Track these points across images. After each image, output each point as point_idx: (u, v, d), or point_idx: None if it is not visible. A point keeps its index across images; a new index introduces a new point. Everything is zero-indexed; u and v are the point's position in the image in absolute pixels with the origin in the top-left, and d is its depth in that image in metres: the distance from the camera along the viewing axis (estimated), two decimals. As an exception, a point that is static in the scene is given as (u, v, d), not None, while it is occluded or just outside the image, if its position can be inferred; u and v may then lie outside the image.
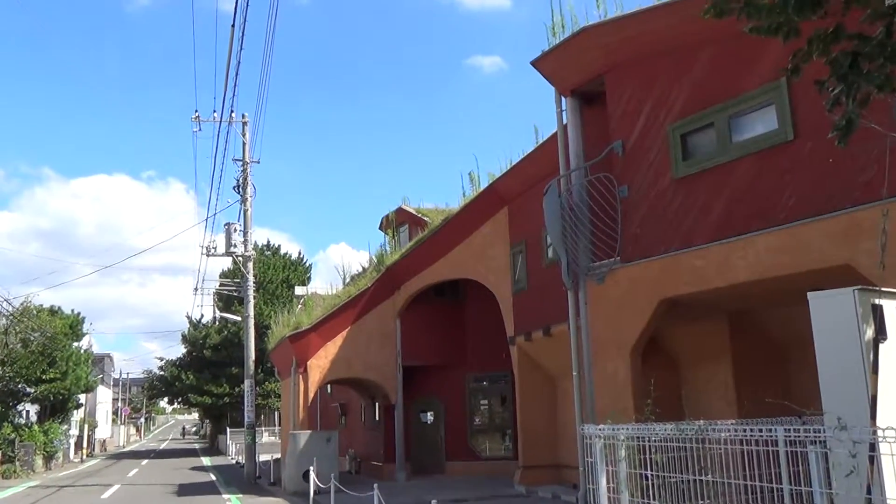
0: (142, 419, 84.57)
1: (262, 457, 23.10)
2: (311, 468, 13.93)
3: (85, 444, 41.59)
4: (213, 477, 23.48)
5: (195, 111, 22.65)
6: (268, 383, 38.53)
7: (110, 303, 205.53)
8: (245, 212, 21.80)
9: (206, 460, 34.36)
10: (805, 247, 8.02)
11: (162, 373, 47.17)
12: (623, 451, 7.25)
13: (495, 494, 13.91)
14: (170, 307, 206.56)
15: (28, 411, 32.19)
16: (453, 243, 16.71)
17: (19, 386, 29.47)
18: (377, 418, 19.71)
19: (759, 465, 6.05)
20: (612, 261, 10.32)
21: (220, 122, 21.22)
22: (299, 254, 45.49)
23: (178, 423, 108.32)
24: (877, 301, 5.64)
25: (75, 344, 33.87)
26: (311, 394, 17.49)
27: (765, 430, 5.88)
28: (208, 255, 22.65)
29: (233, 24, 13.67)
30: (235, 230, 21.53)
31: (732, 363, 10.65)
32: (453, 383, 18.56)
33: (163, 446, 58.55)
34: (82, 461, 38.06)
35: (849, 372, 5.51)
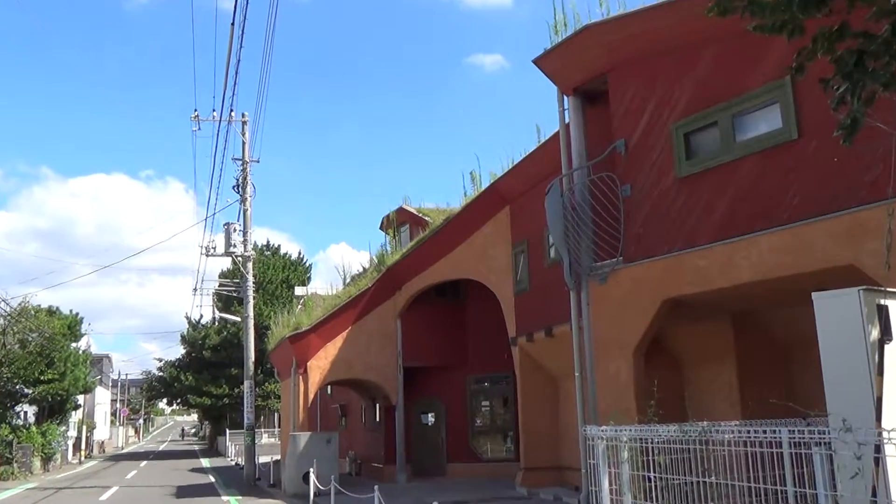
0: (140, 420, 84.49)
1: (262, 458, 23.04)
2: (311, 470, 13.89)
3: (83, 446, 41.49)
4: (212, 479, 23.42)
5: (194, 110, 22.65)
6: (267, 384, 38.47)
7: (109, 303, 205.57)
8: (245, 211, 21.75)
9: (205, 462, 34.28)
10: (809, 247, 7.97)
11: (161, 374, 47.12)
12: (626, 453, 7.25)
13: (497, 496, 13.85)
14: (169, 308, 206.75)
15: (26, 412, 32.12)
16: (454, 243, 16.65)
17: (17, 387, 29.38)
18: (378, 420, 19.64)
19: (763, 467, 6.05)
20: (615, 261, 10.27)
21: (219, 121, 21.20)
22: (299, 254, 45.53)
23: (177, 424, 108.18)
24: (882, 301, 5.62)
25: (73, 344, 33.82)
26: (311, 395, 17.43)
27: (769, 431, 5.87)
28: (207, 256, 22.62)
29: (232, 23, 13.59)
30: (235, 230, 21.47)
31: (736, 364, 10.60)
32: (454, 384, 18.50)
33: (162, 448, 58.46)
34: (80, 463, 37.97)
35: (854, 373, 5.49)
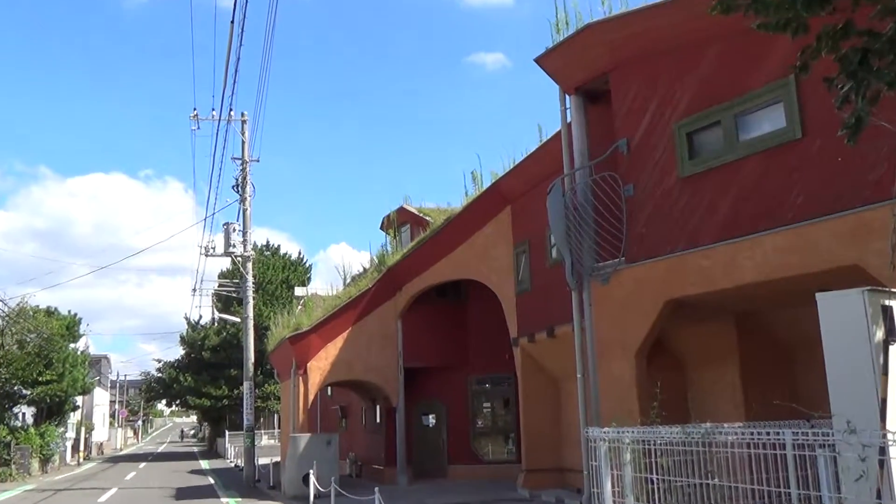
0: (139, 422, 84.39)
1: (262, 460, 22.95)
2: (311, 472, 13.83)
3: (82, 447, 41.42)
4: (211, 480, 23.36)
5: (194, 109, 22.61)
6: (267, 385, 38.41)
7: (107, 304, 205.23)
8: (244, 211, 21.70)
9: (204, 464, 34.20)
10: (813, 247, 7.94)
11: (160, 375, 47.06)
12: (628, 455, 7.27)
13: (498, 498, 13.82)
14: (168, 308, 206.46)
15: (24, 414, 32.11)
16: (455, 243, 16.58)
17: (15, 388, 29.38)
18: (378, 421, 19.58)
19: (767, 469, 6.06)
20: (617, 261, 10.22)
21: (218, 120, 21.18)
22: (299, 254, 45.53)
23: (177, 425, 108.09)
24: (886, 302, 5.62)
25: (72, 345, 33.79)
26: (311, 396, 17.36)
27: (772, 433, 5.87)
28: (207, 256, 22.58)
29: (232, 21, 13.59)
30: (234, 230, 21.43)
31: (739, 365, 10.56)
32: (455, 385, 18.42)
33: (161, 449, 58.38)
34: (79, 464, 37.89)
35: (858, 374, 5.51)
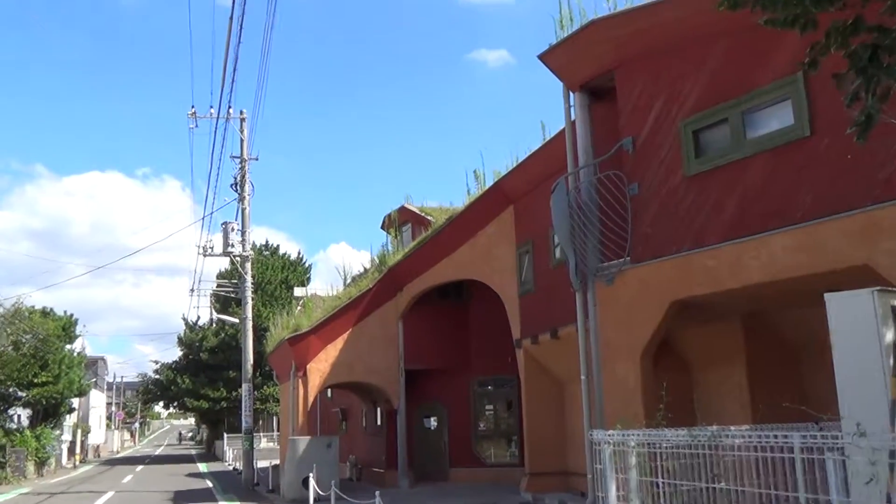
0: (136, 424, 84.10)
1: (261, 463, 22.83)
2: (311, 475, 13.77)
3: (78, 450, 41.25)
4: (209, 484, 23.28)
5: (192, 107, 22.56)
6: (266, 387, 38.34)
7: (104, 304, 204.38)
8: (243, 210, 21.59)
9: (202, 467, 34.10)
10: (821, 246, 7.85)
11: (157, 376, 46.96)
12: (633, 458, 7.24)
13: (501, 502, 13.74)
14: (165, 309, 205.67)
15: (19, 416, 31.95)
16: (457, 243, 16.47)
17: (10, 390, 29.31)
18: (379, 423, 19.48)
19: (775, 473, 6.06)
20: (622, 261, 10.12)
21: (217, 118, 21.08)
22: (298, 254, 45.54)
23: (174, 428, 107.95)
24: (896, 303, 5.52)
25: (68, 346, 33.70)
26: (310, 398, 17.27)
27: (780, 436, 5.84)
28: (205, 256, 22.49)
29: (231, 17, 13.51)
30: (233, 229, 21.32)
31: (746, 366, 10.46)
32: (457, 387, 18.29)
33: (158, 452, 58.27)
34: (75, 467, 37.74)
35: (867, 376, 5.51)
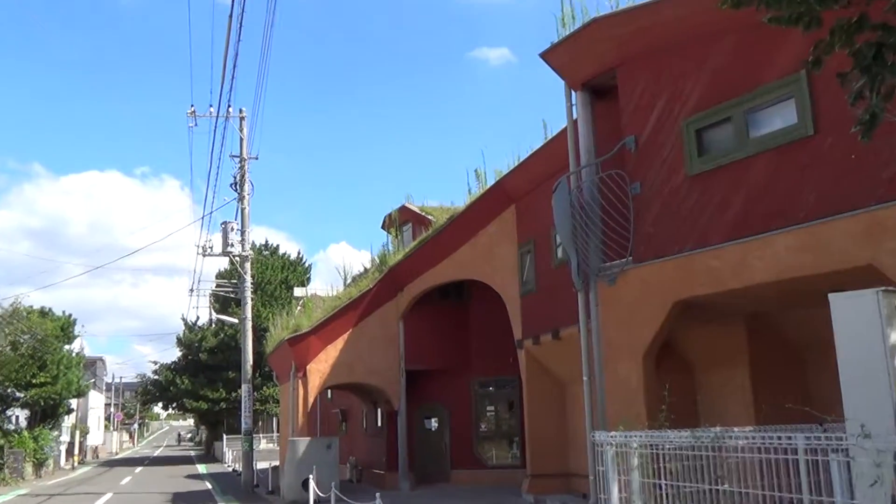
0: (135, 425, 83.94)
1: (260, 464, 22.77)
2: (311, 476, 13.70)
3: (76, 451, 41.13)
4: (208, 485, 23.22)
5: (191, 106, 22.49)
6: (266, 388, 38.27)
7: (103, 304, 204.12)
8: (242, 210, 21.51)
9: (201, 468, 34.03)
10: (825, 246, 7.80)
11: (156, 377, 46.83)
12: (636, 460, 7.21)
13: None
14: (164, 309, 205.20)
15: (17, 417, 31.85)
16: (458, 243, 16.42)
17: (8, 390, 29.20)
18: (379, 425, 19.40)
19: (778, 475, 6.02)
20: (624, 261, 10.06)
21: (216, 117, 20.98)
22: (298, 253, 45.47)
23: (173, 429, 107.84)
24: (900, 303, 5.47)
25: (66, 347, 33.63)
26: (310, 399, 17.21)
27: (784, 437, 5.81)
28: (204, 255, 22.41)
29: (230, 15, 13.43)
30: (232, 229, 21.24)
31: (749, 367, 10.40)
32: (458, 388, 18.23)
33: (157, 453, 58.17)
34: (73, 468, 37.64)
35: (872, 377, 5.47)
